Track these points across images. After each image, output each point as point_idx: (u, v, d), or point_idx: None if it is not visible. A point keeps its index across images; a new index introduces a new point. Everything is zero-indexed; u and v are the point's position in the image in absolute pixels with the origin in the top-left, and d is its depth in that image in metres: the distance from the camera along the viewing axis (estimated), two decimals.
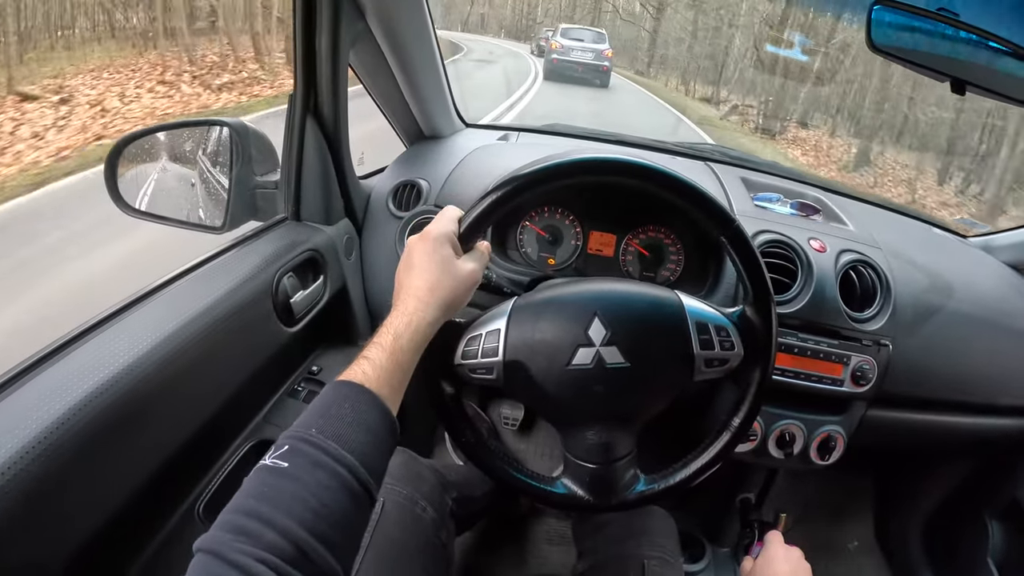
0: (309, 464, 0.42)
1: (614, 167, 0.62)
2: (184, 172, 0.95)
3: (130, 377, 0.56)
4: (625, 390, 0.62)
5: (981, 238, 1.26)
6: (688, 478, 0.67)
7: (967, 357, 1.02)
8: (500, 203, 0.61)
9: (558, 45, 11.17)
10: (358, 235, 0.99)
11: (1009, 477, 1.23)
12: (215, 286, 0.73)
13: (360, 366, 0.51)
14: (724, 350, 0.64)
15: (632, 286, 0.66)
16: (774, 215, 1.01)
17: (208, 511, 0.73)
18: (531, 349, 0.62)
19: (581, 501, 0.66)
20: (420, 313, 0.55)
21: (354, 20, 0.84)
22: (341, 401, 0.47)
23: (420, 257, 0.58)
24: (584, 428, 0.64)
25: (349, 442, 0.44)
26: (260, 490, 0.40)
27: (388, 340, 0.53)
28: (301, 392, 0.90)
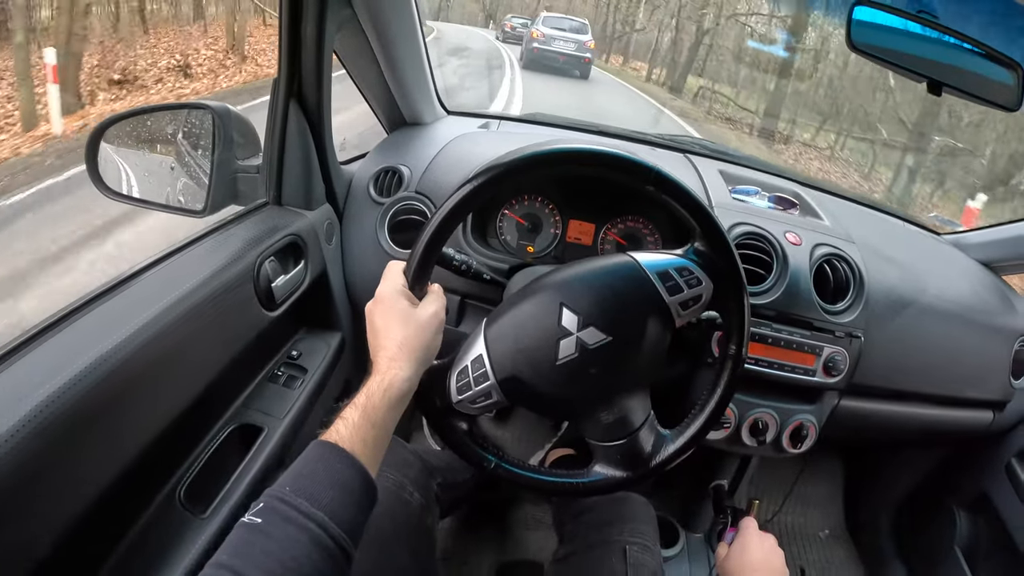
0: (280, 520, 0.45)
1: (539, 158, 0.62)
2: (166, 156, 0.95)
3: (112, 361, 0.57)
4: (617, 362, 0.63)
5: (954, 235, 1.29)
6: (710, 418, 0.69)
7: (937, 351, 1.05)
8: (432, 245, 0.62)
9: (539, 34, 10.92)
10: (339, 221, 0.99)
11: (976, 468, 1.26)
12: (197, 270, 0.73)
13: (336, 427, 0.53)
14: (692, 288, 0.65)
15: (584, 264, 0.67)
16: (751, 208, 1.02)
17: (189, 496, 0.73)
18: (517, 361, 0.63)
19: (620, 480, 0.67)
20: (393, 371, 0.57)
21: (340, 6, 0.84)
22: (315, 461, 0.50)
23: (380, 319, 0.60)
24: (595, 411, 0.66)
25: (320, 500, 0.47)
26: (235, 545, 0.44)
27: (362, 400, 0.55)
28: (281, 376, 0.90)
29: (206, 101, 0.89)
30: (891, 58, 0.88)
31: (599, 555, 0.81)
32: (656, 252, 0.67)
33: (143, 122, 0.93)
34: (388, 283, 0.63)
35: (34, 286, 2.77)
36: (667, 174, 0.64)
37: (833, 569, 1.45)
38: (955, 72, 0.90)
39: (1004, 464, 1.20)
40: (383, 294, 0.62)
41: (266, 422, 0.84)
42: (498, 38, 16.10)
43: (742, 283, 0.67)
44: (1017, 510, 1.16)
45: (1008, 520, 1.17)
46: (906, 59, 0.88)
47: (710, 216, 0.65)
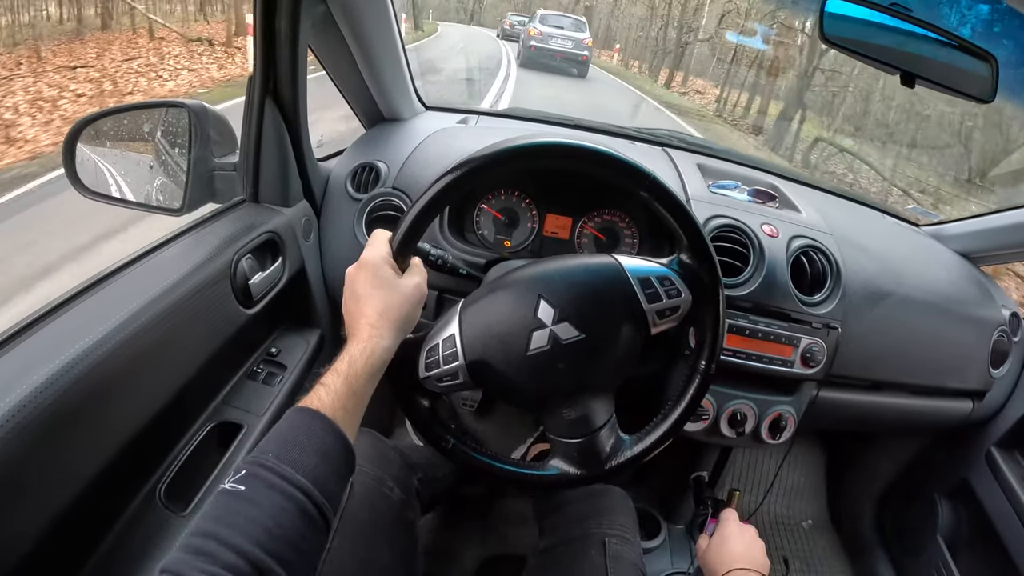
0: (265, 487, 0.44)
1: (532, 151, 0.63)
2: (144, 154, 0.95)
3: (89, 360, 0.57)
4: (587, 361, 0.64)
5: (933, 227, 1.30)
6: (671, 428, 0.69)
7: (915, 341, 1.06)
8: (423, 216, 0.62)
9: (536, 32, 10.90)
10: (316, 217, 0.99)
11: (957, 457, 1.28)
12: (174, 268, 0.73)
13: (317, 393, 0.53)
14: (671, 298, 0.65)
15: (568, 260, 0.68)
16: (729, 201, 1.03)
17: (169, 494, 0.73)
18: (488, 345, 0.63)
19: (575, 477, 0.67)
20: (375, 340, 0.57)
21: (314, 3, 0.83)
22: (296, 427, 0.50)
23: (363, 286, 0.60)
24: (558, 407, 0.66)
25: (303, 466, 0.46)
26: (218, 513, 0.43)
27: (343, 367, 0.55)
28: (260, 374, 0.90)
29: (182, 99, 0.89)
30: (864, 51, 0.88)
31: (578, 548, 0.82)
32: (640, 258, 0.67)
33: (120, 121, 0.92)
34: (374, 250, 0.62)
35: None
36: (662, 182, 0.64)
37: (816, 559, 1.46)
38: (928, 64, 0.90)
39: (984, 453, 1.21)
40: (369, 260, 0.61)
41: (245, 419, 0.84)
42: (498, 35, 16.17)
43: (721, 300, 0.68)
44: (998, 498, 1.17)
45: (989, 508, 1.19)
46: (879, 51, 0.88)
47: (699, 230, 0.66)
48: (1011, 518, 1.13)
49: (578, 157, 0.63)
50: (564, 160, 0.63)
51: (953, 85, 0.90)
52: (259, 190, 0.91)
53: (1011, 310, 1.17)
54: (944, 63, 0.90)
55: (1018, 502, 1.12)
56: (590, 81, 11.47)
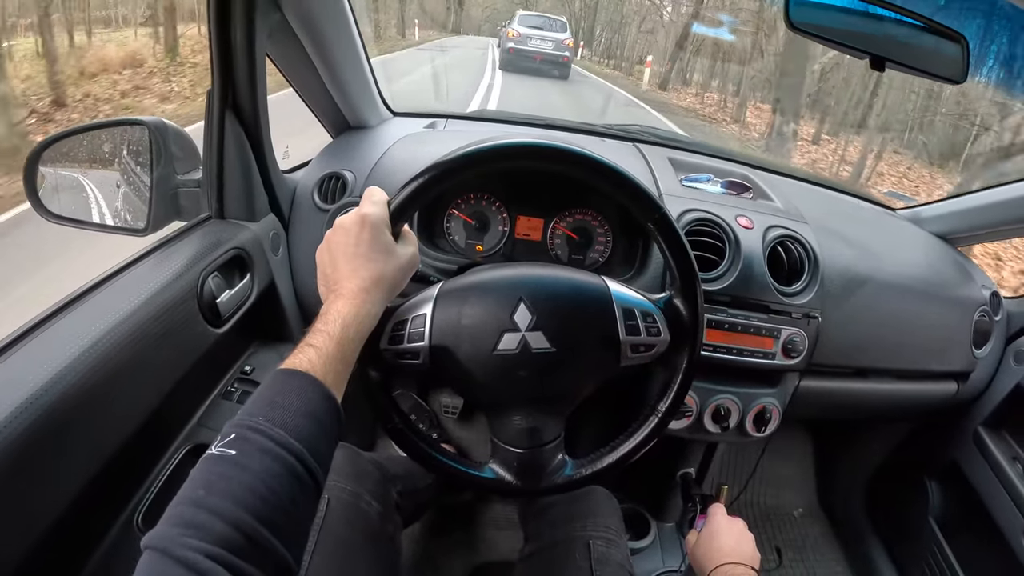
0: (257, 451, 0.41)
1: (544, 152, 0.61)
2: (106, 174, 0.93)
3: (55, 390, 0.55)
4: (551, 375, 0.62)
5: (909, 210, 1.30)
6: (615, 463, 0.68)
7: (897, 326, 1.06)
8: (430, 185, 0.60)
9: (515, 33, 10.88)
10: (285, 230, 0.97)
11: (944, 439, 1.28)
12: (139, 290, 0.71)
13: (305, 354, 0.50)
14: (650, 336, 0.64)
15: (558, 271, 0.67)
16: (702, 194, 1.02)
17: (147, 520, 0.72)
18: (457, 334, 0.62)
19: (509, 486, 0.66)
20: (368, 305, 0.55)
21: (269, 12, 0.82)
22: (287, 390, 0.47)
23: (363, 246, 0.57)
24: (511, 413, 0.65)
25: (296, 430, 0.44)
26: (208, 479, 0.40)
27: (336, 329, 0.52)
28: (235, 393, 0.88)
29: (141, 117, 0.87)
30: (832, 36, 0.87)
31: (563, 551, 0.81)
32: (631, 288, 0.67)
33: (79, 142, 0.91)
34: (376, 208, 0.58)
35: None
36: (673, 220, 0.64)
37: (809, 547, 1.46)
38: (898, 47, 0.89)
39: (971, 433, 1.21)
40: (370, 218, 0.57)
41: None
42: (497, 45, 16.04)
43: (697, 351, 0.67)
44: (987, 478, 1.17)
45: (979, 488, 1.19)
46: (847, 36, 0.87)
47: (695, 275, 0.65)
48: (1002, 497, 1.13)
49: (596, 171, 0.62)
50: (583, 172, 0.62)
51: (923, 67, 0.90)
52: (224, 206, 0.89)
53: (990, 289, 1.17)
54: (913, 45, 0.90)
55: (1008, 480, 1.12)
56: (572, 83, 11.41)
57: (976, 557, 1.20)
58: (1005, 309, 1.21)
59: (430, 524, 1.27)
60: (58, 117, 5.46)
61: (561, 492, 0.68)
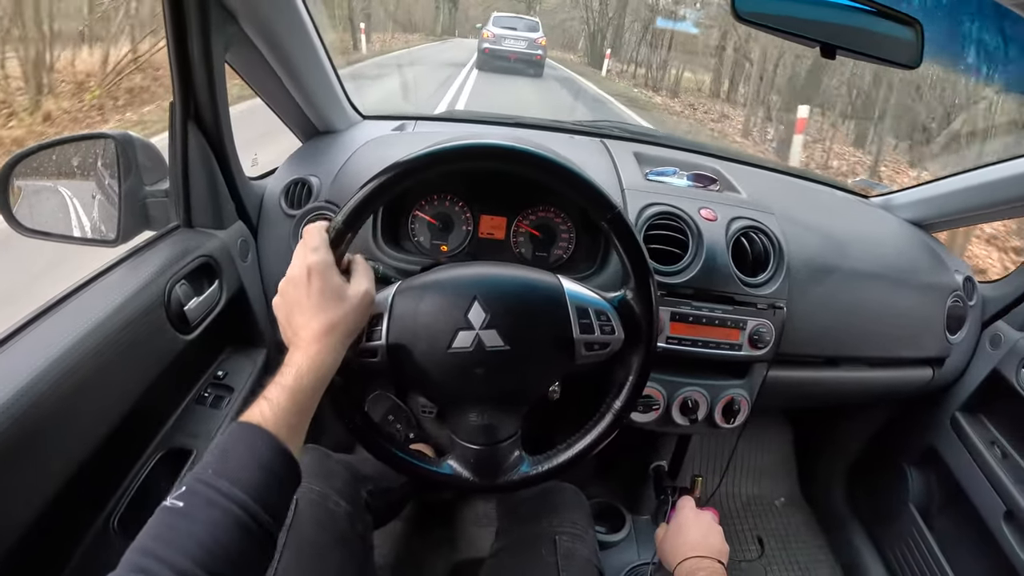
0: (203, 503, 0.44)
1: (497, 153, 0.62)
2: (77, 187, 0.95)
3: (24, 400, 0.56)
4: (505, 373, 0.63)
5: (881, 198, 1.30)
6: (571, 460, 0.68)
7: (867, 313, 1.06)
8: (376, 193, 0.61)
9: (489, 34, 11.40)
10: (254, 237, 0.99)
11: (922, 425, 1.28)
12: (107, 300, 0.73)
13: (259, 407, 0.52)
14: (604, 334, 0.65)
15: (513, 270, 0.67)
16: (667, 188, 1.02)
17: (123, 525, 0.73)
18: (413, 333, 0.63)
19: (466, 482, 0.67)
20: (323, 354, 0.56)
21: (225, 24, 0.83)
22: (237, 442, 0.49)
23: (314, 296, 0.57)
24: (467, 410, 0.66)
25: (243, 481, 0.46)
26: (158, 530, 0.43)
27: (289, 381, 0.53)
28: (208, 398, 0.90)
29: (107, 130, 0.89)
30: (779, 25, 0.86)
31: (530, 547, 0.82)
32: (585, 287, 0.67)
33: (48, 157, 0.92)
34: (317, 256, 0.58)
35: None
36: (626, 218, 0.64)
37: (791, 536, 1.46)
38: (849, 33, 0.88)
39: (949, 418, 1.22)
40: (316, 267, 0.58)
41: (195, 444, 0.84)
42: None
43: (652, 349, 0.67)
44: (965, 462, 1.17)
45: (957, 473, 1.19)
46: (795, 24, 0.86)
47: (648, 274, 0.65)
48: (980, 480, 1.13)
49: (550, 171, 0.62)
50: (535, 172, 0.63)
51: (877, 53, 0.89)
52: (192, 214, 0.90)
53: (964, 274, 1.17)
54: (865, 31, 0.89)
55: (985, 464, 1.12)
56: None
57: (957, 541, 1.20)
58: (980, 293, 1.21)
59: (410, 523, 1.28)
60: None
61: (517, 489, 0.69)
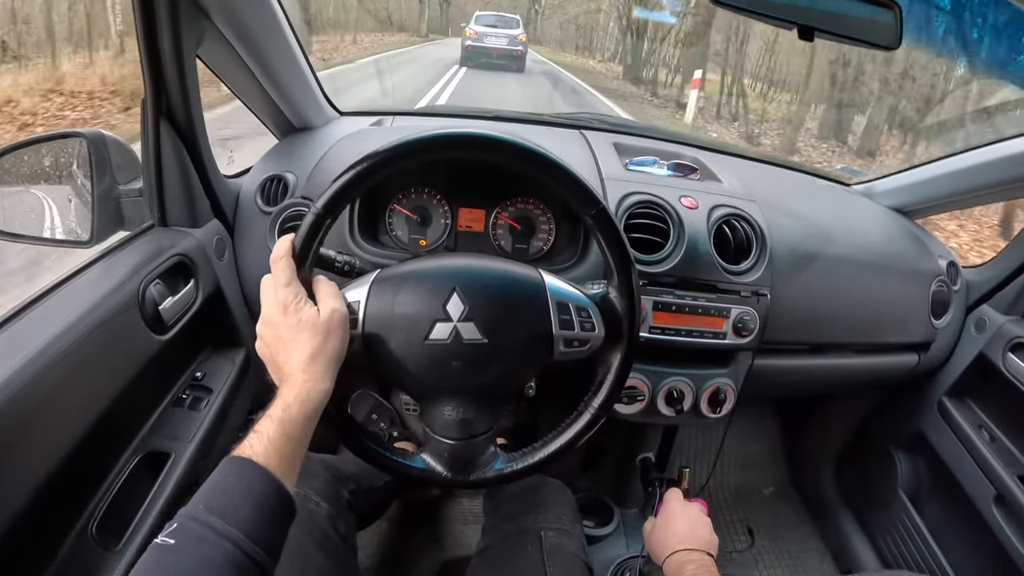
0: (194, 540, 0.44)
1: (479, 142, 0.61)
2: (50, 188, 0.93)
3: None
4: (482, 367, 0.62)
5: (863, 185, 1.30)
6: (547, 458, 0.67)
7: (852, 300, 1.06)
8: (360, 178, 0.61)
9: (472, 32, 12.00)
10: (230, 235, 0.98)
11: (909, 410, 1.28)
12: (79, 301, 0.71)
13: (250, 440, 0.51)
14: (584, 331, 0.64)
15: (494, 262, 0.66)
16: (647, 177, 1.02)
17: (101, 530, 0.72)
18: (389, 323, 0.62)
19: (439, 476, 0.66)
20: (309, 383, 0.55)
21: (196, 18, 0.82)
22: (228, 477, 0.49)
23: (289, 331, 0.57)
24: (442, 403, 0.65)
25: (234, 516, 0.46)
26: (148, 568, 0.43)
27: (277, 412, 0.53)
28: (186, 399, 0.89)
29: (80, 129, 0.87)
30: (757, 7, 0.84)
31: (515, 544, 0.81)
32: (566, 282, 0.67)
33: (20, 158, 0.91)
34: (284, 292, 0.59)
35: None
36: (611, 213, 0.64)
37: (781, 525, 1.47)
38: (827, 16, 0.87)
39: (936, 403, 1.22)
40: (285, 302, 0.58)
41: (173, 447, 0.83)
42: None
43: (632, 348, 0.67)
44: (953, 446, 1.17)
45: (945, 457, 1.19)
46: (773, 7, 0.85)
47: (631, 271, 0.65)
48: (969, 465, 1.13)
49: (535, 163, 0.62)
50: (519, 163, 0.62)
51: (855, 35, 0.88)
52: (166, 213, 0.89)
53: (947, 259, 1.17)
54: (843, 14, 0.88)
55: (973, 447, 1.13)
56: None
57: (947, 526, 1.20)
58: (963, 278, 1.21)
59: (396, 522, 1.27)
60: None
61: (490, 485, 0.68)
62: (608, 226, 0.63)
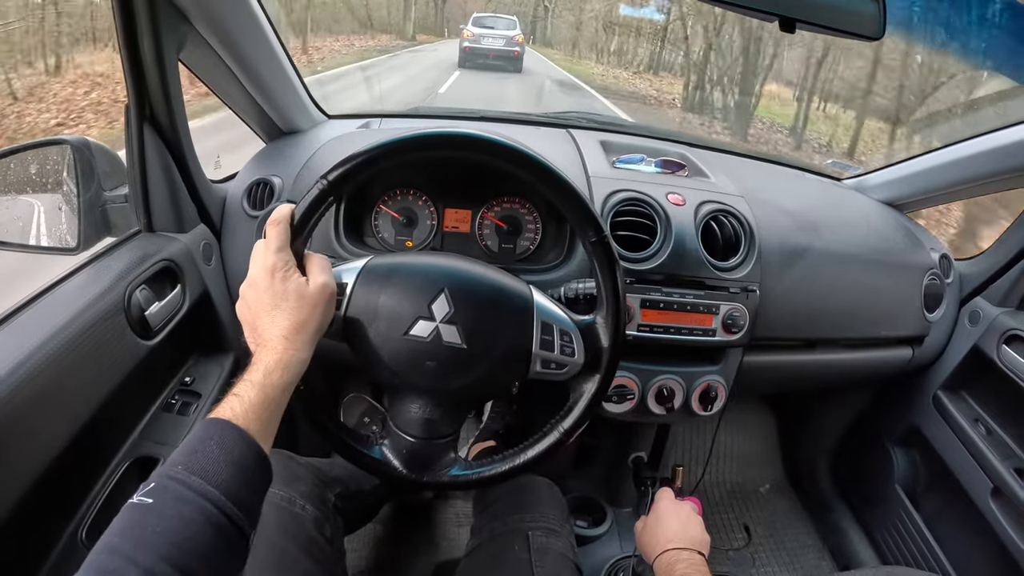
0: (173, 500, 0.43)
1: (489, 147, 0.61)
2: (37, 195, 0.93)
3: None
4: (456, 371, 0.63)
5: (854, 179, 1.29)
6: (505, 473, 0.67)
7: (842, 295, 1.05)
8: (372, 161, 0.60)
9: (469, 34, 12.15)
10: (217, 240, 0.97)
11: (904, 405, 1.27)
12: (65, 307, 0.71)
13: (229, 403, 0.51)
14: (563, 355, 0.65)
15: (488, 270, 0.67)
16: (633, 174, 1.01)
17: (91, 535, 0.72)
18: (373, 311, 0.62)
19: (393, 471, 0.66)
20: (291, 352, 0.55)
21: (176, 23, 0.82)
22: (208, 438, 0.48)
23: (276, 297, 0.57)
24: (410, 400, 0.65)
25: (214, 477, 0.45)
26: (124, 527, 0.41)
27: (258, 377, 0.53)
28: (176, 404, 0.89)
29: (64, 136, 0.88)
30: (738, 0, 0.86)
31: (502, 545, 0.81)
32: (558, 305, 0.67)
33: (6, 165, 0.91)
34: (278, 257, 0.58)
35: None
36: (611, 242, 0.64)
37: (778, 522, 1.46)
38: (808, 6, 0.87)
39: (931, 397, 1.21)
40: (277, 267, 0.58)
41: (162, 452, 0.83)
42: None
43: (609, 379, 0.67)
44: (949, 440, 1.17)
45: (941, 451, 1.19)
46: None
47: (620, 306, 0.65)
48: (965, 458, 1.13)
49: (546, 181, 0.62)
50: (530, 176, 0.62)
51: (838, 26, 0.87)
52: (152, 218, 0.89)
53: (940, 252, 1.17)
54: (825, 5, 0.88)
55: (970, 442, 1.12)
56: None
57: (944, 520, 1.20)
58: (956, 271, 1.20)
59: (388, 525, 1.27)
60: None
61: (442, 489, 0.68)
62: (607, 256, 0.64)
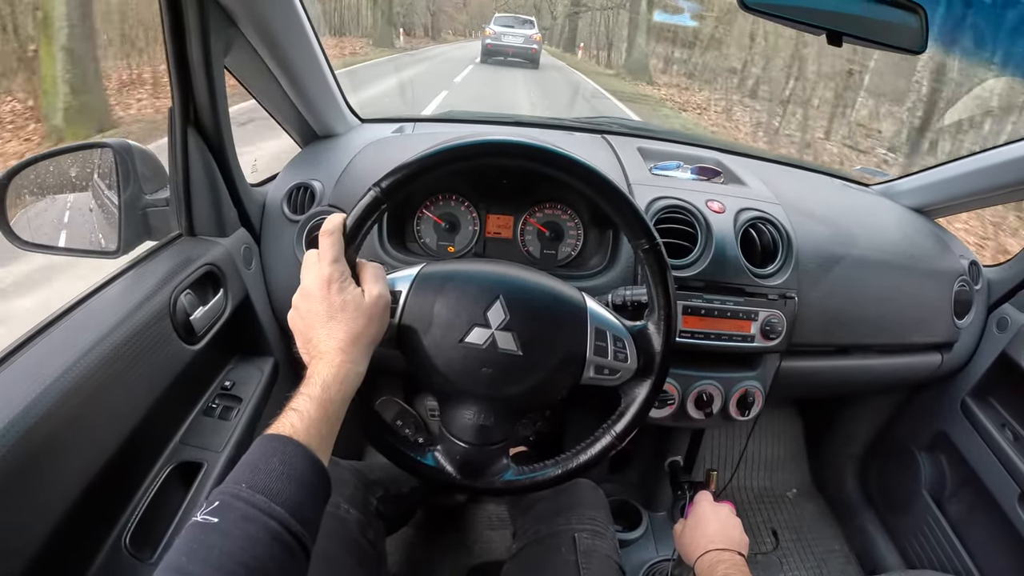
0: (239, 518, 0.43)
1: (553, 160, 0.62)
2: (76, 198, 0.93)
3: (30, 417, 0.55)
4: (511, 378, 0.63)
5: (883, 185, 1.30)
6: (558, 478, 0.68)
7: (876, 301, 1.06)
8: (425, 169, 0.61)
9: (490, 32, 13.24)
10: (257, 244, 0.97)
11: (932, 410, 1.28)
12: (111, 312, 0.71)
13: (288, 418, 0.51)
14: (617, 360, 0.65)
15: (542, 277, 0.67)
16: (672, 182, 1.02)
17: (135, 541, 0.72)
18: (427, 319, 0.62)
19: (448, 477, 0.67)
20: (348, 364, 0.55)
21: (224, 26, 0.82)
22: (270, 455, 0.48)
23: (332, 309, 0.57)
24: (464, 407, 0.65)
25: (279, 495, 0.45)
26: (190, 547, 0.41)
27: (316, 391, 0.53)
28: (216, 409, 0.88)
29: (106, 139, 0.87)
30: (787, 14, 0.86)
31: (549, 546, 0.81)
32: (610, 312, 0.67)
33: (46, 168, 0.91)
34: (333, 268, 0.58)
35: None
36: (663, 250, 0.64)
37: (805, 527, 1.46)
38: (855, 21, 0.89)
39: (959, 403, 1.22)
40: (332, 278, 0.58)
41: (204, 457, 0.83)
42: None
43: (660, 384, 0.67)
44: (977, 446, 1.17)
45: (969, 457, 1.19)
46: (803, 13, 0.87)
47: (672, 310, 0.65)
48: (993, 465, 1.13)
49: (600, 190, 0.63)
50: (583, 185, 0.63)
51: (882, 40, 0.89)
52: (193, 223, 0.89)
53: (969, 259, 1.17)
54: (871, 19, 0.90)
55: (998, 447, 1.12)
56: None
57: (971, 525, 1.20)
58: (985, 277, 1.21)
59: (422, 528, 1.26)
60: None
61: (497, 495, 0.69)
62: (659, 263, 0.64)
